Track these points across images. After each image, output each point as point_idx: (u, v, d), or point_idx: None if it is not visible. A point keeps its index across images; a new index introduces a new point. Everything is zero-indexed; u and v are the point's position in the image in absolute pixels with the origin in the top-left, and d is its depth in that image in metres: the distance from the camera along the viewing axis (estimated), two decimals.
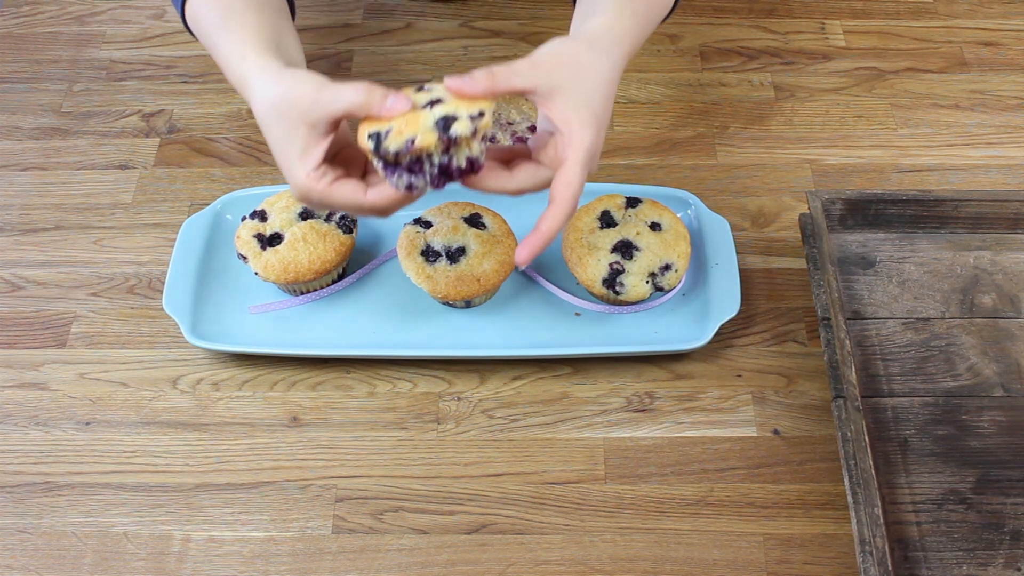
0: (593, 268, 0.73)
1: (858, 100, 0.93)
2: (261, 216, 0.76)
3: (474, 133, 0.56)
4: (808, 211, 0.77)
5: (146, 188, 0.86)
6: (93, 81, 0.96)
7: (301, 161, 0.59)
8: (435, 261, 0.73)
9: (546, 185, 0.60)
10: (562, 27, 0.98)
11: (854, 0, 1.02)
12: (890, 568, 0.58)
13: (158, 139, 0.90)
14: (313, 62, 0.96)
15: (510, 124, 0.86)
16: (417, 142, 0.56)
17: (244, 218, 0.76)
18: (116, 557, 0.66)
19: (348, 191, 0.59)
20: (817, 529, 0.66)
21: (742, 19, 1.01)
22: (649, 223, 0.75)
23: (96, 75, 0.96)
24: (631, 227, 0.75)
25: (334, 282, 0.77)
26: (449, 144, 0.56)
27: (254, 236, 0.75)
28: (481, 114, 0.57)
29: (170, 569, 0.65)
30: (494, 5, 1.02)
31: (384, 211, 0.60)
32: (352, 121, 0.59)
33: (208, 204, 0.82)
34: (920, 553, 0.63)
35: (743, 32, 0.99)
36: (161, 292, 0.77)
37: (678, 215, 0.78)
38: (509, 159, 0.61)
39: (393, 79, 0.95)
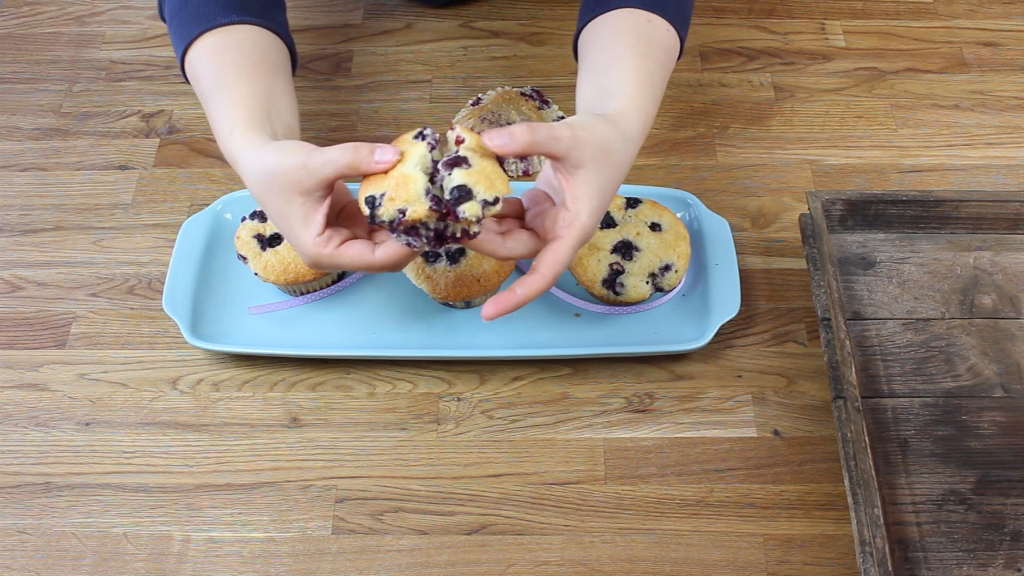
0: (593, 268, 0.73)
1: (858, 100, 0.93)
2: (261, 216, 0.76)
3: (479, 220, 0.56)
4: (808, 211, 0.77)
5: (146, 188, 0.86)
6: (93, 81, 0.96)
7: (305, 229, 0.59)
8: (435, 261, 0.73)
9: (536, 253, 0.60)
10: (562, 27, 0.99)
11: (854, 0, 1.02)
12: (890, 569, 0.58)
13: (158, 139, 0.90)
14: (313, 62, 0.96)
15: (509, 125, 0.86)
16: (408, 214, 0.55)
17: (244, 218, 0.76)
18: (116, 558, 0.65)
19: (356, 252, 0.59)
20: (817, 530, 0.66)
21: (742, 19, 1.01)
22: (649, 223, 0.75)
23: (96, 75, 0.96)
24: (631, 227, 0.75)
25: (334, 282, 0.77)
26: (445, 214, 0.56)
27: (254, 236, 0.75)
28: (496, 201, 0.56)
29: (170, 570, 0.65)
30: (494, 5, 1.02)
31: (394, 267, 0.60)
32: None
33: (208, 204, 0.82)
34: (920, 554, 0.63)
35: (743, 32, 0.99)
36: (161, 292, 0.77)
37: (678, 215, 0.78)
38: (500, 218, 0.62)
39: (393, 79, 0.95)
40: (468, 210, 0.55)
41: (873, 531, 0.59)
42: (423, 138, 0.58)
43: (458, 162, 0.56)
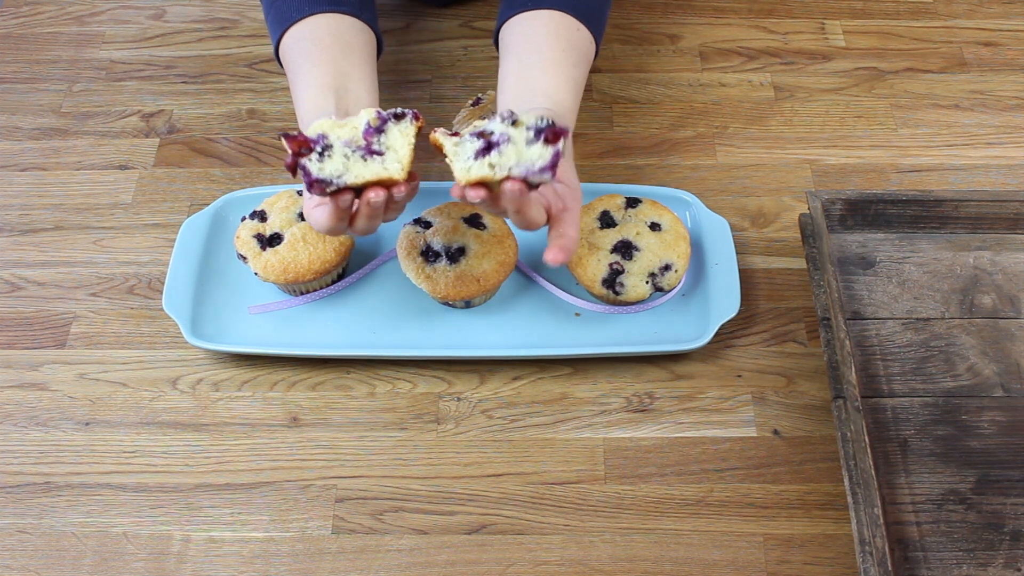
0: (593, 268, 0.73)
1: (858, 100, 0.93)
2: (261, 216, 0.76)
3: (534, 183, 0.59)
4: (808, 211, 0.77)
5: (146, 188, 0.86)
6: (93, 81, 0.96)
7: None
8: (435, 261, 0.73)
9: (542, 223, 0.64)
10: None
11: (854, 0, 1.02)
12: (890, 568, 0.58)
13: (158, 139, 0.90)
14: None
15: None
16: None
17: (244, 218, 0.76)
18: (116, 557, 0.66)
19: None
20: (817, 529, 0.66)
21: (742, 19, 1.01)
22: (649, 223, 0.75)
23: (96, 75, 0.96)
24: (631, 227, 0.75)
25: (334, 282, 0.77)
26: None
27: (254, 236, 0.75)
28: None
29: (170, 569, 0.65)
30: (494, 5, 1.02)
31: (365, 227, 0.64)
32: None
33: (208, 204, 0.82)
34: (920, 553, 0.63)
35: (743, 32, 0.99)
36: (161, 292, 0.77)
37: (678, 215, 0.78)
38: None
39: (393, 79, 0.95)
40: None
41: (873, 531, 0.59)
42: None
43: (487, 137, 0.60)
